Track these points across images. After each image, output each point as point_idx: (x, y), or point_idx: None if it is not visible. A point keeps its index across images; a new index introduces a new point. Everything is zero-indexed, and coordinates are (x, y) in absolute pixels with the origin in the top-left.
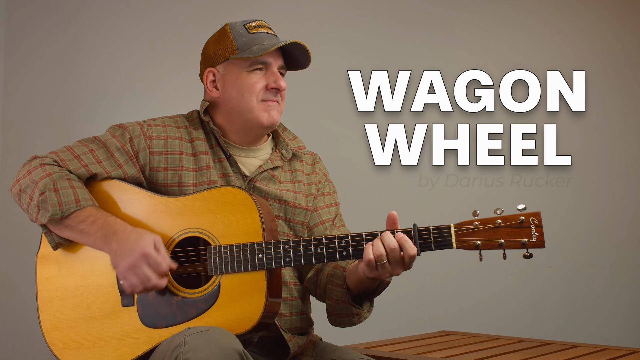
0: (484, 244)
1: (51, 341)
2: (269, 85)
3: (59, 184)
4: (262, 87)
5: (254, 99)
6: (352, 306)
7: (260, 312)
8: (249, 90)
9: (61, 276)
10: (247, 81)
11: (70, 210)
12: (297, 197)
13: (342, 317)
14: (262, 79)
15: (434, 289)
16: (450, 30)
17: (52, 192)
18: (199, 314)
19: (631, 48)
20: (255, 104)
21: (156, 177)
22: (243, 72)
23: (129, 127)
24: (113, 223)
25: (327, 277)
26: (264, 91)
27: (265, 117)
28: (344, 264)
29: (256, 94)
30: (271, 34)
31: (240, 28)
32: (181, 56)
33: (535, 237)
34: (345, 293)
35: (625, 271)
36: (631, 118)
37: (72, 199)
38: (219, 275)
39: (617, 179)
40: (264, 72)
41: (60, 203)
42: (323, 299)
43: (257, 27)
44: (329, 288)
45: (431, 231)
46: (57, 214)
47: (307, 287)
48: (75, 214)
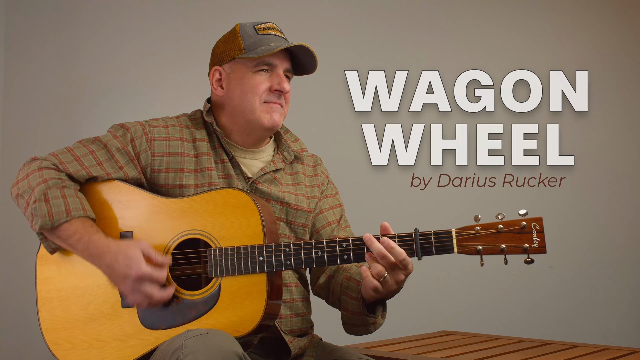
0: (485, 249)
1: (51, 342)
2: (272, 87)
3: (51, 193)
4: (265, 88)
5: (256, 99)
6: (368, 317)
7: (261, 315)
8: (252, 91)
9: (61, 277)
10: (251, 81)
11: (60, 221)
12: (298, 199)
13: (359, 327)
14: (267, 80)
15: (434, 289)
16: (450, 30)
17: (42, 203)
18: (199, 315)
19: (635, 48)
20: (258, 104)
21: (157, 178)
22: (248, 72)
23: (131, 128)
24: (96, 243)
25: (341, 287)
26: (267, 92)
27: (266, 118)
28: (358, 277)
29: (259, 94)
30: (280, 36)
31: (250, 29)
32: (181, 56)
33: (537, 242)
34: (361, 305)
35: (625, 271)
36: (634, 118)
37: (63, 209)
38: (220, 278)
39: (618, 178)
40: (269, 73)
41: (50, 214)
42: (336, 306)
43: (266, 28)
44: (344, 299)
45: (432, 236)
46: (47, 224)
47: (317, 292)
48: (64, 227)
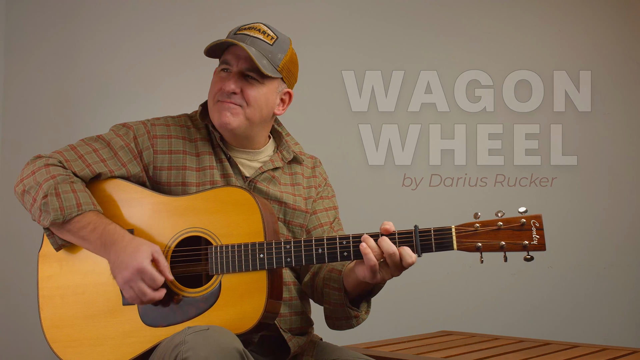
0: (485, 246)
1: (52, 339)
2: (222, 87)
3: (61, 187)
4: (217, 88)
5: (211, 99)
6: (350, 309)
7: (261, 312)
8: (210, 90)
9: (62, 274)
10: (212, 81)
11: (72, 215)
12: (296, 199)
13: (340, 320)
14: (222, 80)
15: (434, 289)
16: (450, 29)
17: (53, 197)
18: (199, 313)
19: (637, 48)
20: (212, 104)
21: (160, 176)
22: (214, 73)
23: (133, 126)
24: (112, 232)
25: (323, 280)
26: (220, 92)
27: (216, 117)
28: (340, 267)
29: (213, 94)
30: (251, 35)
31: (234, 29)
32: (182, 55)
33: (536, 239)
34: (343, 296)
35: (625, 271)
36: (636, 118)
37: (74, 204)
38: (220, 275)
39: (619, 178)
40: (228, 73)
41: (62, 208)
42: (321, 302)
43: (245, 28)
44: (326, 292)
45: (432, 233)
46: (58, 218)
47: (304, 290)
48: (76, 219)
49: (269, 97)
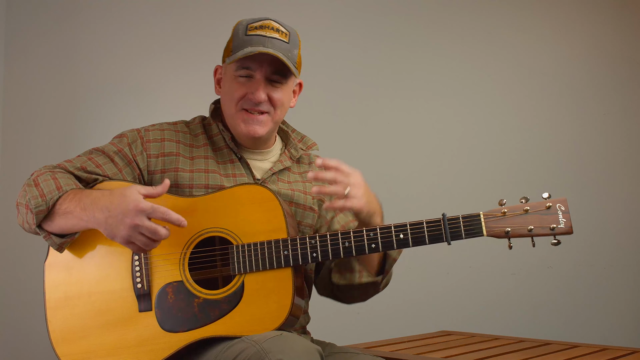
0: (514, 231)
1: (62, 353)
2: (247, 95)
3: (40, 178)
4: (240, 95)
5: (233, 105)
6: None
7: (287, 311)
8: (229, 96)
9: (71, 284)
10: (230, 86)
11: (54, 198)
12: (307, 198)
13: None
14: (245, 86)
15: (434, 289)
16: (449, 29)
17: (32, 187)
18: (223, 314)
19: (633, 48)
20: (235, 111)
21: (154, 179)
22: (231, 76)
23: (127, 134)
24: (88, 193)
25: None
26: (244, 100)
27: (242, 127)
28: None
29: (235, 101)
30: (268, 36)
31: (242, 27)
32: (181, 55)
33: (564, 223)
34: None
35: (625, 271)
36: (632, 118)
37: (54, 187)
38: (243, 274)
39: (617, 179)
40: (249, 78)
41: (42, 194)
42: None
43: (258, 27)
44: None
45: (461, 220)
46: (40, 205)
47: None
48: (59, 203)
49: (290, 94)
